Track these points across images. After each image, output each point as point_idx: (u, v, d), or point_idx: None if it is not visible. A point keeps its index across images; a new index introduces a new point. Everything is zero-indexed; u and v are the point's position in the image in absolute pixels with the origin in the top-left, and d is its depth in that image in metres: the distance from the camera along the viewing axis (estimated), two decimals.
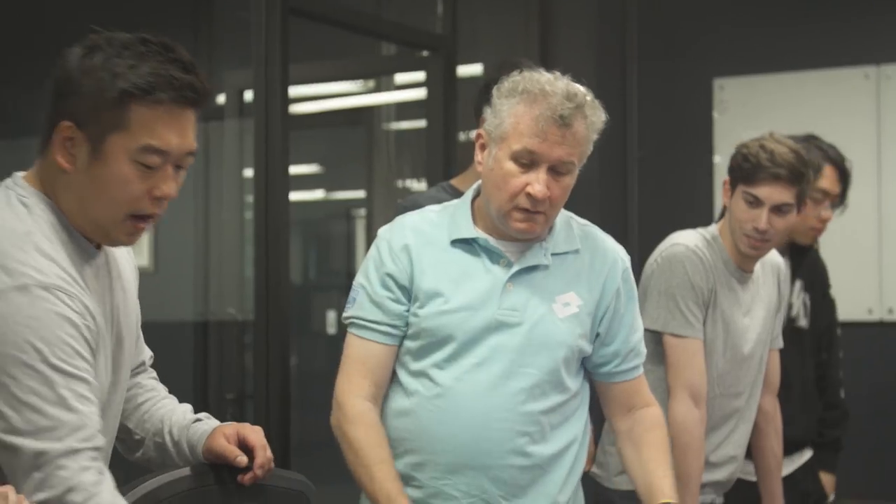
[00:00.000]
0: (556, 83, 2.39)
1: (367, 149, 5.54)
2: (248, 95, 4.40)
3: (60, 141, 1.90)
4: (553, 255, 2.51)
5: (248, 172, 4.24)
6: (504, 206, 2.42)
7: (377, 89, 5.58)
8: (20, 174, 1.98)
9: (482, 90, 3.22)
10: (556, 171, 2.39)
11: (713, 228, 3.26)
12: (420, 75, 4.90)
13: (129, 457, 2.24)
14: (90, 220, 1.93)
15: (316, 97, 5.57)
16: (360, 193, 5.95)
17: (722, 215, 3.28)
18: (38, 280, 1.81)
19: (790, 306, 3.63)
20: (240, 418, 4.45)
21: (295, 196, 5.98)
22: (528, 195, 2.39)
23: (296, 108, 5.45)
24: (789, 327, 3.56)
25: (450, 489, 2.46)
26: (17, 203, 1.91)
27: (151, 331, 2.29)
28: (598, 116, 2.41)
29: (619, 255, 2.58)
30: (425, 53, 4.75)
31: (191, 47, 4.93)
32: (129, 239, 1.98)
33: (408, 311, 2.49)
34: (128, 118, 1.87)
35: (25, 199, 1.92)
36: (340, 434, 2.47)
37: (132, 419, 2.22)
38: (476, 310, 2.46)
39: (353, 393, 2.47)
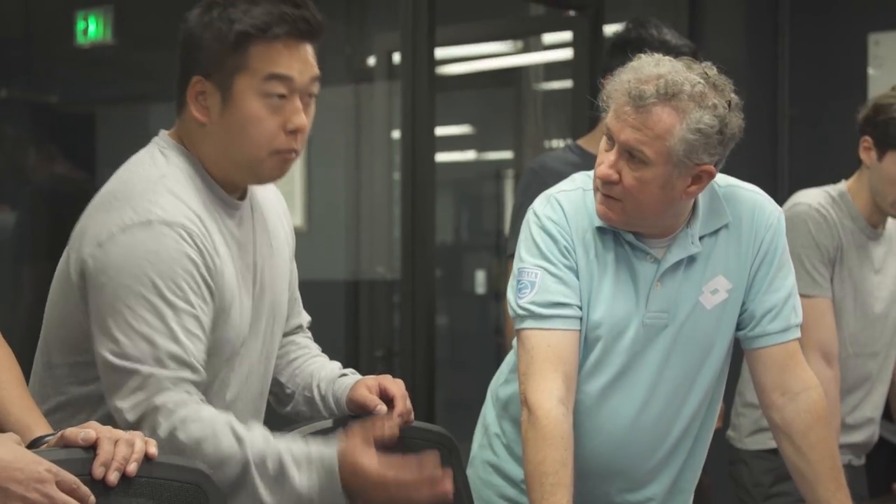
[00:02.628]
0: (659, 65, 2.15)
1: (516, 109, 5.55)
2: (397, 58, 4.46)
3: (193, 96, 2.02)
4: (702, 237, 2.28)
5: (397, 134, 4.30)
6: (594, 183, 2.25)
7: (525, 50, 5.59)
8: (165, 131, 2.10)
9: (608, 50, 3.20)
10: (631, 156, 2.14)
11: (841, 185, 3.20)
12: (567, 35, 4.89)
13: (280, 410, 2.33)
14: (235, 165, 2.03)
15: (466, 58, 5.61)
16: (509, 154, 5.98)
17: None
18: (160, 217, 1.92)
19: None
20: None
21: (446, 157, 6.06)
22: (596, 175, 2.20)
23: (447, 70, 5.50)
24: None
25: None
26: (158, 153, 2.04)
27: (305, 289, 2.36)
28: (700, 115, 2.11)
29: (765, 210, 2.34)
30: (572, 13, 4.73)
31: (342, 10, 5.02)
32: (277, 173, 2.06)
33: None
34: (249, 57, 1.98)
35: (165, 150, 2.05)
36: (524, 439, 2.20)
37: (284, 374, 2.31)
38: (624, 318, 2.27)
39: (545, 396, 2.19)
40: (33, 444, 1.76)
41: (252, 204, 2.14)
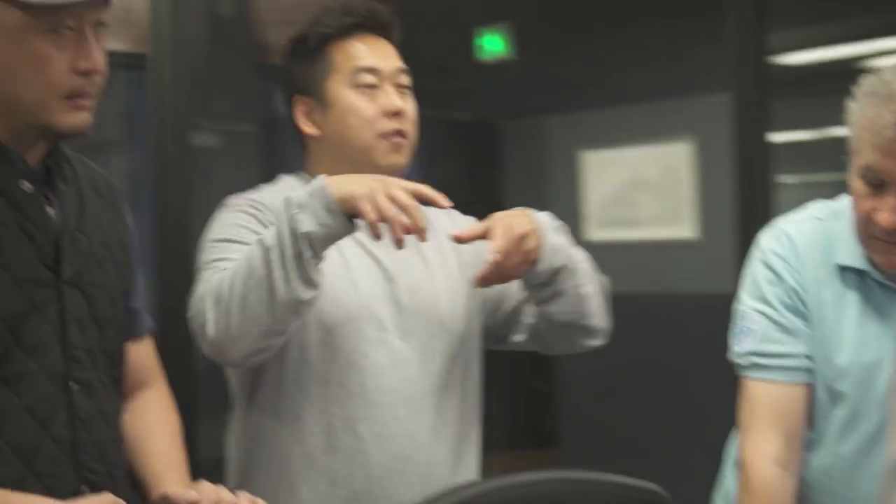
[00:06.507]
0: None
1: None
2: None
3: (300, 116, 2.13)
4: None
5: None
6: (858, 232, 1.95)
7: None
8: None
9: None
10: None
11: None
12: None
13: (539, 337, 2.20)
14: (356, 161, 2.07)
15: None
16: None
17: None
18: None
19: None
20: None
21: None
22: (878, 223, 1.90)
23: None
24: None
25: None
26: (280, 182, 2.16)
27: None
28: None
29: None
30: None
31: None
32: (393, 158, 2.09)
33: None
34: (331, 59, 2.11)
35: (283, 178, 2.16)
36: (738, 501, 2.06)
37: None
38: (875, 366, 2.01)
39: (759, 456, 2.02)
40: None
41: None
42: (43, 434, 1.64)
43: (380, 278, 2.11)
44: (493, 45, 5.00)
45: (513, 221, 1.98)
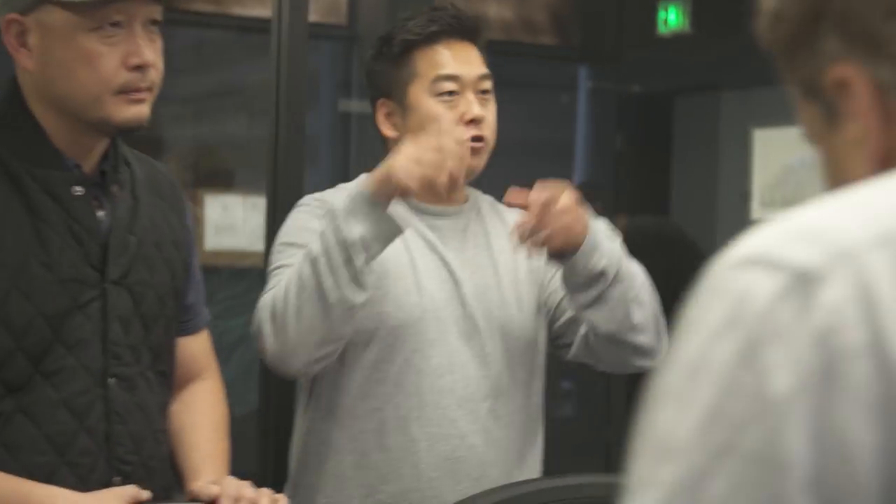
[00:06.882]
0: None
1: None
2: None
3: (382, 118, 2.16)
4: None
5: None
6: None
7: None
8: None
9: None
10: None
11: None
12: None
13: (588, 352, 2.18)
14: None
15: None
16: None
17: None
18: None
19: None
20: None
21: None
22: None
23: None
24: None
25: None
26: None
27: None
28: None
29: None
30: None
31: None
32: (473, 162, 2.08)
33: None
34: (415, 65, 2.13)
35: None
36: None
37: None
38: None
39: None
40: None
41: (472, 219, 2.20)
42: (78, 426, 1.69)
43: (447, 280, 2.13)
44: (672, 18, 5.02)
45: (558, 192, 1.97)
